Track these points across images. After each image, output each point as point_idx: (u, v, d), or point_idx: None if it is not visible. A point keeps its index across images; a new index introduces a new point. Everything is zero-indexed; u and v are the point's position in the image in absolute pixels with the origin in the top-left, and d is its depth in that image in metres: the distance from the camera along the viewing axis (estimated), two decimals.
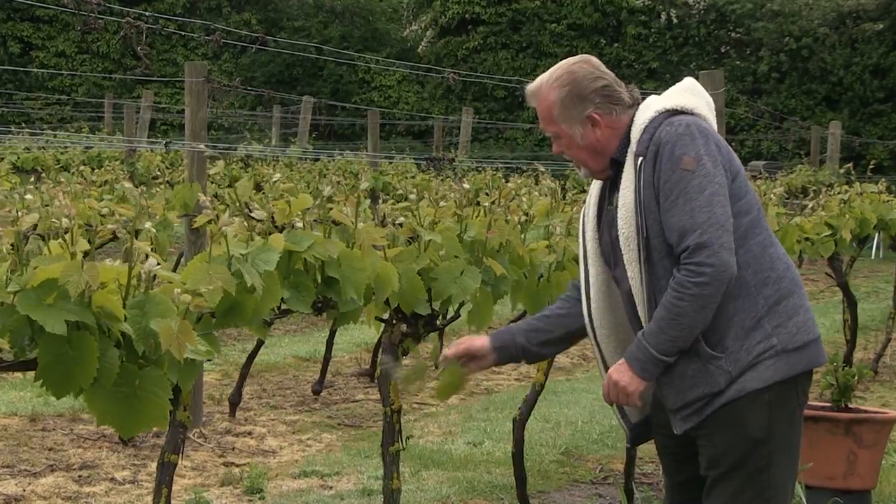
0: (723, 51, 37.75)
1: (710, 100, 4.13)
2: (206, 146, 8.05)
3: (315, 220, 4.61)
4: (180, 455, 4.00)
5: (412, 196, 5.28)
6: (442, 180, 14.50)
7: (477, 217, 5.56)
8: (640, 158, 3.92)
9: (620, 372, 3.93)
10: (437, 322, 5.23)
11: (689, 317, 3.80)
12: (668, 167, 3.86)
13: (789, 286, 3.95)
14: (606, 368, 4.13)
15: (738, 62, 36.36)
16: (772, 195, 9.55)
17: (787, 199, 13.11)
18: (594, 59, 4.13)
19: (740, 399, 3.89)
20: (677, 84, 4.14)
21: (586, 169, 4.15)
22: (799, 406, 4.02)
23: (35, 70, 35.63)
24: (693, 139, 3.87)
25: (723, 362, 3.88)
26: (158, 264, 3.50)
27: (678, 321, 3.82)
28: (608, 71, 4.13)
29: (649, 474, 7.47)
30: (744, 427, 3.91)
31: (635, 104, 4.08)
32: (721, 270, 3.76)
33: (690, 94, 4.06)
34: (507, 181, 12.56)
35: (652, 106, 4.03)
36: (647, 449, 8.05)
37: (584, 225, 4.24)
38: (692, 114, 3.98)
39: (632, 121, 4.04)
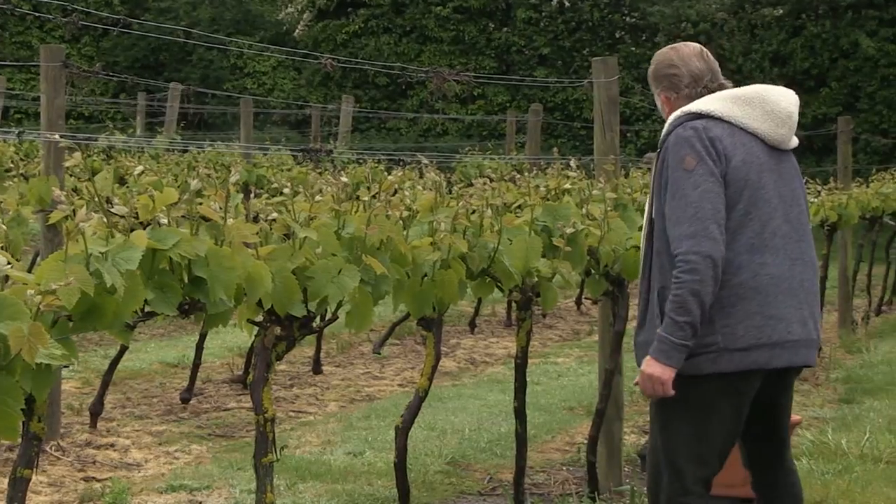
0: (617, 36, 38.12)
1: (776, 105, 4.84)
2: (64, 136, 7.95)
3: (182, 216, 4.57)
4: (34, 470, 3.95)
5: (286, 190, 5.25)
6: (320, 173, 14.46)
7: (356, 212, 5.55)
8: (658, 151, 4.83)
9: (651, 366, 4.67)
10: (314, 324, 5.22)
11: (689, 303, 4.59)
12: (672, 164, 4.71)
13: (747, 293, 4.69)
14: None
15: (633, 48, 36.72)
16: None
17: None
18: (688, 50, 5.04)
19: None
20: (735, 89, 4.93)
21: None
22: (728, 403, 4.78)
23: None
24: (696, 142, 4.70)
25: None
26: (9, 264, 3.45)
27: (682, 309, 4.60)
28: (698, 63, 5.00)
29: (540, 484, 7.53)
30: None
31: (692, 98, 4.92)
32: (704, 256, 4.57)
33: (728, 101, 4.83)
34: (390, 174, 12.57)
35: (688, 106, 4.85)
36: (538, 458, 8.13)
37: None
38: (711, 117, 4.77)
39: None
